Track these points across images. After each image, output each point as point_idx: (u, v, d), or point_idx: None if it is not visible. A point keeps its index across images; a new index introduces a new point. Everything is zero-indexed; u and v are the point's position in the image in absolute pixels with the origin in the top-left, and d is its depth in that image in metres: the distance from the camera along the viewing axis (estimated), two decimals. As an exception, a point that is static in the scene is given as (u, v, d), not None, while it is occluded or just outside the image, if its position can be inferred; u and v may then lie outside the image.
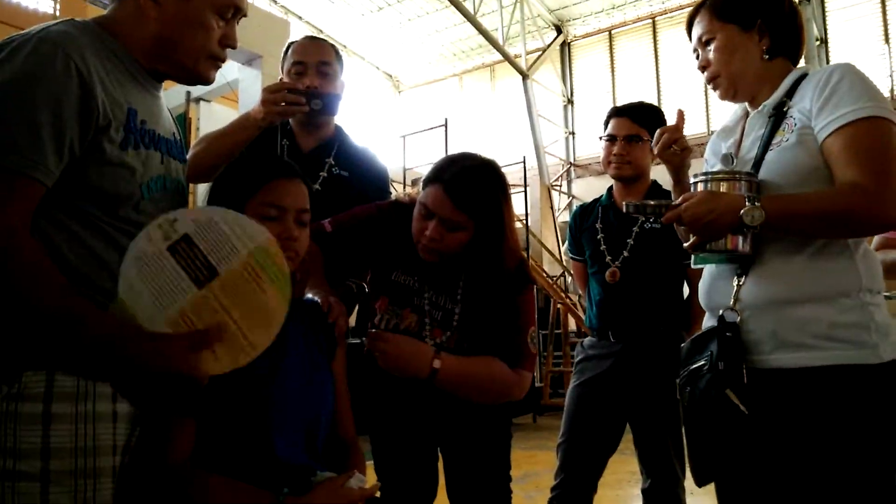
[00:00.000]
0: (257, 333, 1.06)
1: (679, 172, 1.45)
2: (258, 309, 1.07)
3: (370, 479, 1.22)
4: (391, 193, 1.99)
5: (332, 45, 1.93)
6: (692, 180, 1.29)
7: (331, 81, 1.85)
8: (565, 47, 13.11)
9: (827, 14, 10.46)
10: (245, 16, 1.22)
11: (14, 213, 0.94)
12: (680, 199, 1.23)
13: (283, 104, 1.61)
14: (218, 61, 1.21)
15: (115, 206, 1.07)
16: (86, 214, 1.04)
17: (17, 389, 0.96)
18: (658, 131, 1.45)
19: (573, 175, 12.79)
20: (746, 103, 1.41)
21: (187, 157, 1.32)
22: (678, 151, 1.43)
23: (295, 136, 1.89)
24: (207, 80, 1.21)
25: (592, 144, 11.98)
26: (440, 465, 1.68)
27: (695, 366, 1.26)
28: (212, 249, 1.06)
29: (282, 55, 1.92)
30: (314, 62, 1.82)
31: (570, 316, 8.65)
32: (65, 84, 0.99)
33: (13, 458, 0.94)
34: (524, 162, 9.00)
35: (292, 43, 1.90)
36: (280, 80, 1.87)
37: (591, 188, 11.96)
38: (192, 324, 1.02)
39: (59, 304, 0.94)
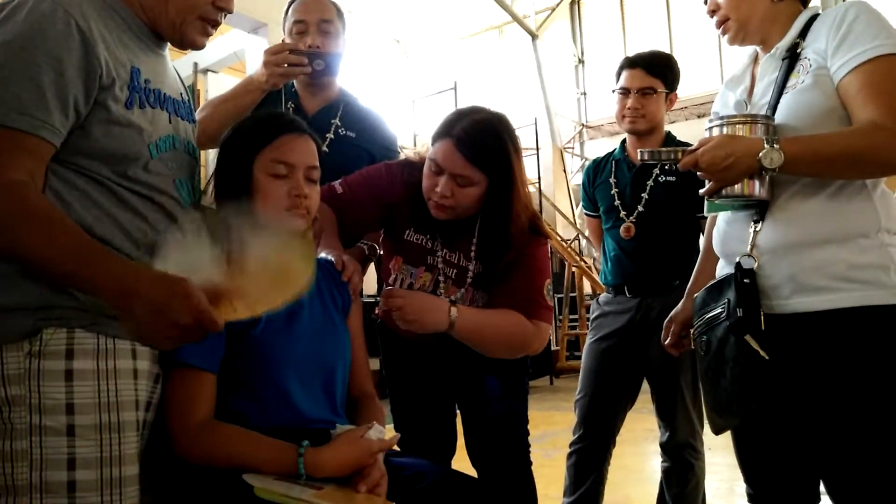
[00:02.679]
0: (278, 290, 1.06)
1: None
2: (281, 271, 1.08)
3: (389, 433, 1.24)
4: (399, 153, 1.97)
5: (334, 3, 1.89)
6: (707, 125, 1.26)
7: (332, 40, 1.82)
8: (575, 5, 12.83)
9: (845, -40, 10.15)
10: None
11: (22, 168, 0.94)
12: (697, 143, 1.21)
13: (285, 66, 1.60)
14: (209, 25, 1.17)
15: (124, 166, 1.07)
16: (96, 174, 1.04)
17: (39, 347, 0.97)
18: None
19: (586, 137, 12.64)
20: (755, 49, 1.38)
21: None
22: None
23: (299, 98, 1.88)
24: (195, 44, 1.18)
25: (605, 105, 11.80)
26: (458, 422, 1.70)
27: (711, 314, 1.25)
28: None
29: (282, 15, 1.90)
30: (315, 20, 1.80)
31: (584, 279, 8.64)
32: (66, 42, 0.98)
33: (39, 414, 0.96)
34: (536, 124, 8.90)
35: (293, 2, 1.87)
36: (282, 40, 1.85)
37: (604, 149, 11.65)
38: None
39: (70, 251, 0.94)
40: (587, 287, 8.71)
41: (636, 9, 12.21)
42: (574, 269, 8.73)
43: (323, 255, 1.41)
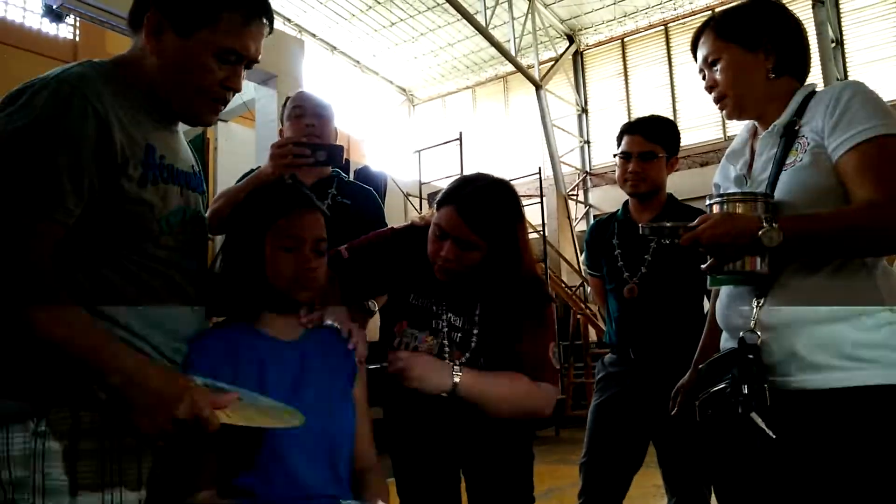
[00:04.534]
0: (273, 418, 1.12)
1: None
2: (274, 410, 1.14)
3: (392, 500, 1.22)
4: (385, 222, 2.10)
5: (326, 99, 2.18)
6: (707, 202, 1.28)
7: (326, 122, 2.08)
8: (578, 57, 13.10)
9: (842, 15, 10.36)
10: (257, 62, 1.21)
11: (34, 253, 0.96)
12: (697, 220, 1.22)
13: (290, 157, 1.67)
14: (218, 103, 1.20)
15: (135, 242, 1.09)
16: (106, 250, 1.06)
17: (44, 427, 0.98)
18: None
19: (589, 184, 12.75)
20: (753, 123, 1.41)
21: (207, 213, 1.35)
22: None
23: (296, 174, 1.99)
24: (205, 122, 1.22)
25: (608, 153, 11.93)
26: (462, 486, 1.68)
27: (716, 388, 1.25)
28: None
29: (282, 106, 2.18)
30: (311, 106, 2.09)
31: (590, 326, 8.60)
32: (82, 126, 1.01)
33: (41, 496, 0.96)
34: (540, 172, 8.99)
35: (289, 98, 2.18)
36: (279, 131, 2.14)
37: (608, 196, 11.90)
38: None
39: (81, 339, 0.96)
40: (592, 334, 8.66)
41: (637, 58, 12.45)
42: (579, 316, 8.69)
43: (328, 322, 1.42)
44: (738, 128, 1.50)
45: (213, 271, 1.34)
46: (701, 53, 1.40)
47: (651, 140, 2.08)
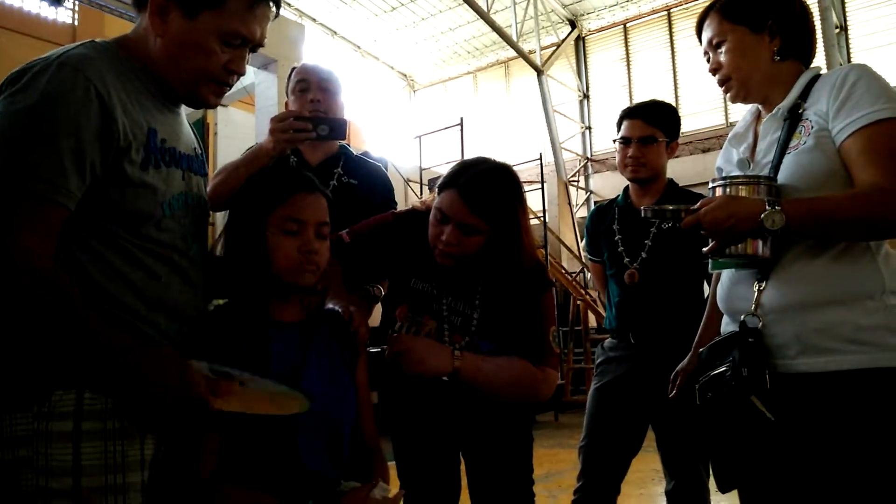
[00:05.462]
0: (274, 404, 1.13)
1: None
2: (278, 395, 1.15)
3: (393, 482, 1.23)
4: (395, 201, 2.07)
5: (331, 71, 2.10)
6: (710, 185, 1.28)
7: (332, 96, 2.01)
8: (580, 42, 13.03)
9: (846, 1, 10.29)
10: (262, 45, 1.20)
11: (34, 235, 0.96)
12: (699, 203, 1.22)
13: (291, 132, 1.64)
14: (222, 86, 1.19)
15: (138, 225, 1.09)
16: (109, 234, 1.06)
17: (48, 408, 0.98)
18: None
19: (590, 170, 12.72)
20: (757, 107, 1.40)
21: (207, 189, 1.34)
22: None
23: (302, 152, 2.01)
24: (208, 104, 1.21)
25: (609, 139, 11.89)
26: (462, 468, 1.70)
27: (716, 371, 1.26)
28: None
29: (286, 77, 2.09)
30: (316, 80, 2.00)
31: (589, 312, 8.63)
32: (85, 108, 1.00)
33: (45, 476, 0.97)
34: (541, 158, 8.97)
35: (295, 67, 2.09)
36: (285, 104, 2.03)
37: (609, 183, 11.88)
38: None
39: (83, 323, 0.96)
40: (592, 320, 8.69)
41: (640, 44, 12.38)
42: (579, 302, 8.72)
43: (330, 305, 1.42)
44: (741, 114, 1.49)
45: (215, 254, 1.34)
46: (706, 35, 1.39)
47: (651, 124, 2.08)
